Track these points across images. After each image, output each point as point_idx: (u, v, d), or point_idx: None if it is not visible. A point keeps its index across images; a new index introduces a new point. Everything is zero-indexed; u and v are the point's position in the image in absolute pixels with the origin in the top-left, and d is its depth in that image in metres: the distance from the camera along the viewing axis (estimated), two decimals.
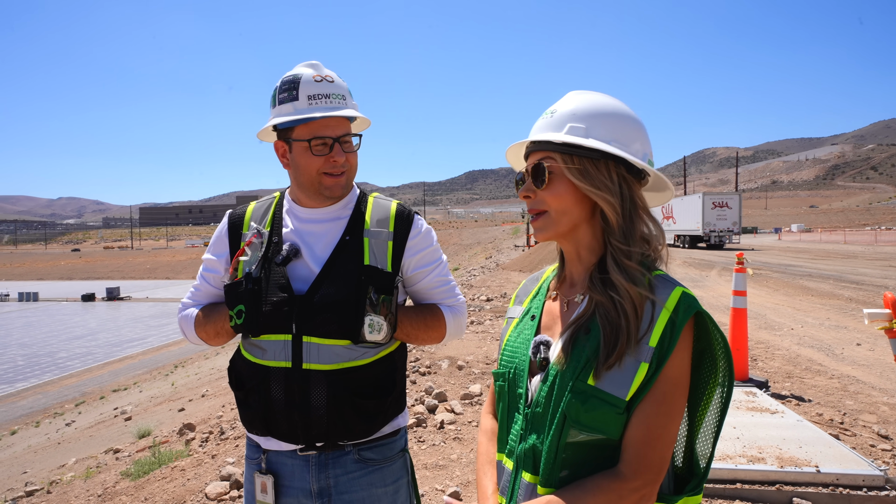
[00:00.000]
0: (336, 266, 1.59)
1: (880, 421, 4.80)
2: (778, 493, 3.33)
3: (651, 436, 1.05)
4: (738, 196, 34.47)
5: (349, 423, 1.57)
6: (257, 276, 1.59)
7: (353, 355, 1.57)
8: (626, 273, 1.11)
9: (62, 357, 24.63)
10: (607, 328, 1.08)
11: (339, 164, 1.60)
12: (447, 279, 1.76)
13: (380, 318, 1.54)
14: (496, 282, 17.92)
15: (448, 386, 5.87)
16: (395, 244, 1.65)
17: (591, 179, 1.14)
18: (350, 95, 1.67)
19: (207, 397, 10.23)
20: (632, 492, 1.04)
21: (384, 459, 1.65)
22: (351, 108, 1.64)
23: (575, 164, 1.15)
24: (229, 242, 1.72)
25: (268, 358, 1.57)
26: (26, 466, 8.60)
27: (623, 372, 1.06)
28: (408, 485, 1.71)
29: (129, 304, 44.76)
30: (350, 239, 1.63)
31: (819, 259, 23.49)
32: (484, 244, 65.00)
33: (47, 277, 73.83)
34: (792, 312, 10.68)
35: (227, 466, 4.22)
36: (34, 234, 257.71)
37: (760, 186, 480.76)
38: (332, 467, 1.60)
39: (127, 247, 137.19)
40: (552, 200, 1.17)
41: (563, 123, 1.18)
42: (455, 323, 1.74)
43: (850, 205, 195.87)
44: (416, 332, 1.67)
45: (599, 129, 1.16)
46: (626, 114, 1.20)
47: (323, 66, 1.65)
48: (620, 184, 1.15)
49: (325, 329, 1.54)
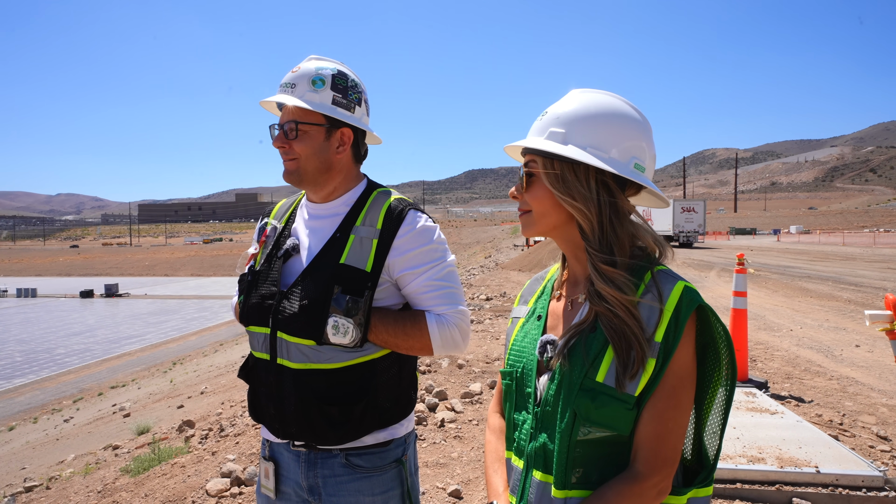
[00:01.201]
0: (319, 263, 1.57)
1: (879, 422, 4.81)
2: (778, 494, 3.34)
3: (664, 431, 1.07)
4: (703, 203, 41.09)
5: (316, 426, 1.53)
6: (259, 269, 1.63)
7: (321, 357, 1.52)
8: (609, 282, 1.11)
9: (60, 353, 24.59)
10: (614, 337, 1.08)
11: (283, 152, 1.61)
12: (442, 284, 1.58)
13: (346, 320, 1.47)
14: (496, 281, 17.92)
15: (448, 384, 5.87)
16: (381, 243, 1.56)
17: (565, 187, 1.14)
18: (310, 83, 1.59)
19: (207, 394, 10.22)
20: (651, 488, 1.06)
21: (374, 468, 1.58)
22: (299, 95, 1.58)
23: (554, 170, 1.15)
24: (257, 236, 1.77)
25: (256, 349, 1.63)
26: (25, 462, 8.60)
27: None
28: (401, 496, 1.62)
29: (127, 301, 44.70)
30: (339, 236, 1.59)
31: (818, 261, 23.53)
32: (483, 243, 65.01)
33: (46, 273, 73.72)
34: (791, 314, 10.69)
35: (228, 463, 4.22)
36: (33, 230, 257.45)
37: (759, 188, 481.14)
38: (321, 467, 1.59)
39: (126, 243, 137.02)
40: (533, 203, 1.20)
41: (546, 128, 1.19)
42: (442, 334, 1.55)
43: (848, 207, 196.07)
44: (394, 340, 1.54)
45: (579, 135, 1.15)
46: (617, 114, 1.17)
47: (321, 58, 1.66)
48: (599, 191, 1.14)
49: (293, 326, 1.52)
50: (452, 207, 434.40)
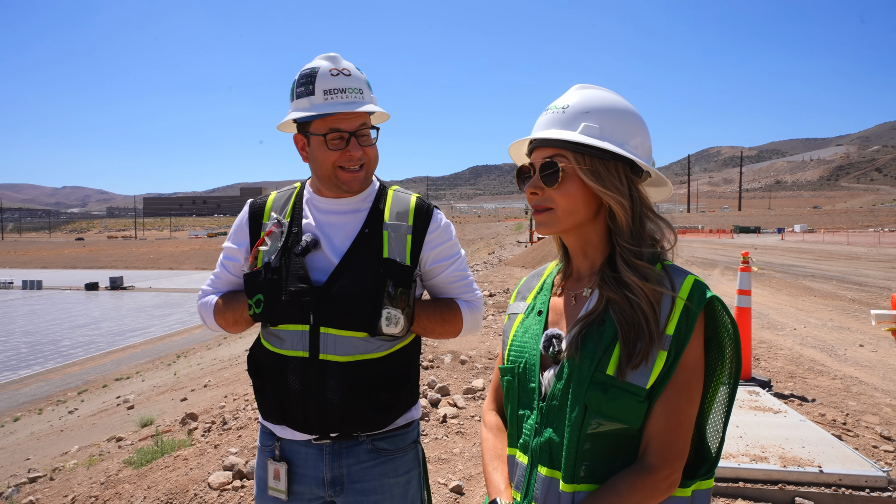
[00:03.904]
0: (355, 258, 1.60)
1: (883, 422, 4.80)
2: (780, 493, 3.33)
3: (676, 424, 1.07)
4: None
5: (364, 414, 1.59)
6: (276, 265, 1.59)
7: (370, 348, 1.58)
8: (637, 272, 1.12)
9: (65, 345, 24.73)
10: (625, 326, 1.08)
11: (356, 159, 1.60)
12: (465, 274, 1.76)
13: (397, 311, 1.54)
14: (499, 277, 17.90)
15: (451, 380, 5.88)
16: (415, 238, 1.66)
17: (602, 181, 1.14)
18: (368, 88, 1.66)
19: (210, 387, 10.26)
20: (663, 480, 1.07)
21: (397, 450, 1.67)
22: (369, 101, 1.64)
23: (587, 165, 1.14)
24: (249, 232, 1.72)
25: (286, 347, 1.58)
26: (29, 453, 8.66)
27: None
28: (419, 476, 1.73)
29: (132, 294, 44.88)
30: (369, 232, 1.63)
31: (822, 260, 23.43)
32: (487, 240, 64.98)
33: (51, 266, 74.05)
34: (795, 312, 10.66)
35: (230, 456, 4.23)
36: (38, 223, 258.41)
37: (764, 186, 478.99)
38: (346, 457, 1.62)
39: (131, 236, 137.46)
40: (561, 200, 1.16)
41: (576, 121, 1.16)
42: (472, 318, 1.75)
43: (853, 206, 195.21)
44: (433, 326, 1.68)
45: (614, 130, 1.15)
46: (632, 111, 1.20)
47: (342, 58, 1.63)
48: (629, 185, 1.16)
49: (343, 320, 1.54)
50: (456, 203, 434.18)
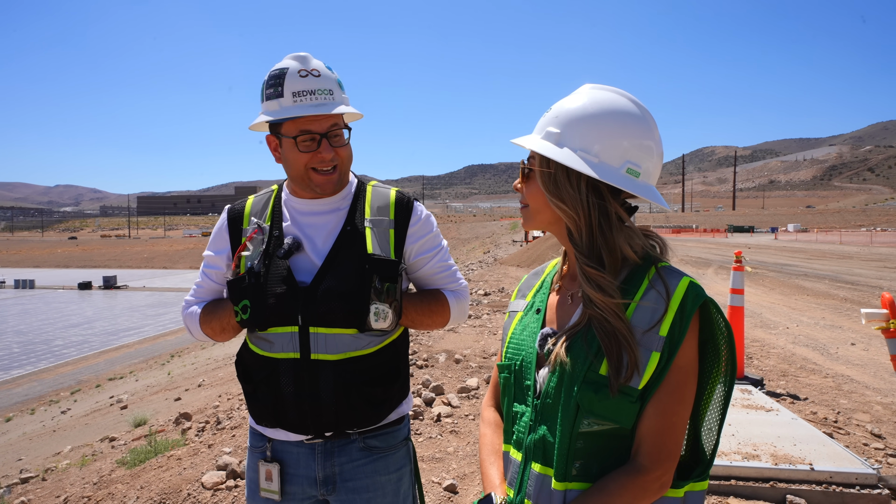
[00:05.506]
0: (339, 256, 1.59)
1: (874, 420, 4.83)
2: (772, 490, 3.35)
3: (667, 425, 1.07)
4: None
5: (358, 410, 1.59)
6: (259, 270, 1.58)
7: (360, 344, 1.58)
8: (595, 286, 1.11)
9: (58, 345, 24.60)
10: (605, 340, 1.08)
11: (328, 160, 1.58)
12: (449, 264, 1.77)
13: (385, 305, 1.55)
14: (494, 276, 17.92)
15: (445, 379, 5.88)
16: (397, 231, 1.66)
17: (556, 189, 1.14)
18: (340, 87, 1.62)
19: (204, 387, 10.24)
20: (654, 481, 1.07)
21: (388, 447, 1.67)
22: (339, 101, 1.60)
23: (549, 169, 1.15)
24: (230, 238, 1.70)
25: (276, 350, 1.58)
26: (21, 453, 8.61)
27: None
28: (411, 473, 1.74)
29: (125, 293, 44.67)
30: (351, 229, 1.63)
31: (815, 259, 23.57)
32: (482, 239, 65.04)
33: (44, 265, 73.59)
34: (787, 311, 10.72)
35: (224, 456, 4.23)
36: (31, 222, 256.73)
37: (758, 186, 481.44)
38: (338, 455, 1.62)
39: (124, 235, 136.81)
40: (531, 198, 1.22)
41: (547, 125, 1.18)
42: (458, 307, 1.76)
43: (846, 205, 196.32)
44: (421, 318, 1.69)
45: (575, 137, 1.13)
46: (617, 114, 1.13)
47: (312, 57, 1.59)
48: (589, 195, 1.12)
49: (332, 318, 1.54)
50: (452, 203, 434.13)
